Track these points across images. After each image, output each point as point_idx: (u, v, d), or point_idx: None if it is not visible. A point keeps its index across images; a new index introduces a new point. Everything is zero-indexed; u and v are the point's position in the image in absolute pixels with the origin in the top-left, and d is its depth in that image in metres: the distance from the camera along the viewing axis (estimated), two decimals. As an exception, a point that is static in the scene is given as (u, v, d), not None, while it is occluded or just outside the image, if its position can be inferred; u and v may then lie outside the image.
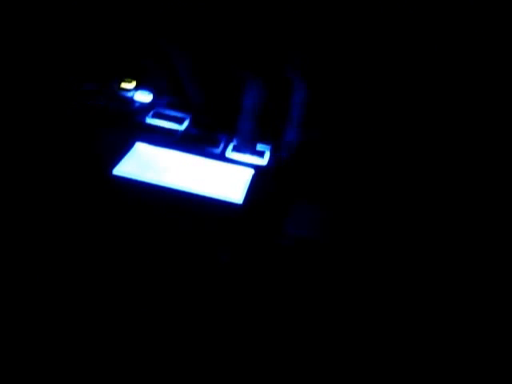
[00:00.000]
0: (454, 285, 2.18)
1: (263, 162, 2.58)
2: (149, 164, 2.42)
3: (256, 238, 2.23)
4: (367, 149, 2.74)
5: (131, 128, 2.68)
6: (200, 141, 2.62)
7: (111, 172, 2.34)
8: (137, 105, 2.88)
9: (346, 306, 2.04)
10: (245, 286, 2.05)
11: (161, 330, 1.85)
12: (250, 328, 1.91)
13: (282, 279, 2.10)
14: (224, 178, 2.39)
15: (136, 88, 2.98)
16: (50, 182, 2.30)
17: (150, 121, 2.72)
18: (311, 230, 2.32)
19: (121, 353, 1.77)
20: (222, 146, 2.63)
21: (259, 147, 2.67)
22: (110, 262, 2.03)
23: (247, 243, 2.20)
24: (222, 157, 2.57)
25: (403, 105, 2.74)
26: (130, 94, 2.95)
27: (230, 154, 2.59)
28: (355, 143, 2.76)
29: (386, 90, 2.72)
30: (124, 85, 2.99)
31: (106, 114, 2.78)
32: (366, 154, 2.73)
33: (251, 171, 2.47)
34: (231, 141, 2.66)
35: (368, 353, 1.90)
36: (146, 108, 2.86)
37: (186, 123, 2.74)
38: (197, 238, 2.16)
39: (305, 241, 2.25)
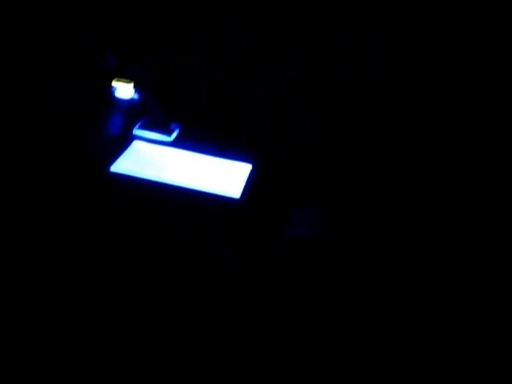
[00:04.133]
0: (454, 284, 2.17)
1: (170, 139, 2.59)
2: (146, 161, 2.41)
3: (255, 233, 2.22)
4: (367, 149, 2.74)
5: (129, 126, 2.66)
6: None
7: (109, 169, 2.33)
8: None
9: (346, 306, 2.03)
10: (244, 284, 2.03)
11: (160, 329, 1.83)
12: (250, 327, 1.89)
13: (282, 279, 2.08)
14: (221, 174, 2.39)
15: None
16: (48, 179, 2.29)
17: (138, 132, 2.67)
18: (311, 229, 2.30)
19: (120, 352, 1.75)
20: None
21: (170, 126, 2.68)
22: (109, 260, 2.01)
23: (246, 239, 2.19)
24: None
25: (403, 105, 2.74)
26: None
27: (136, 131, 2.61)
28: (355, 143, 2.76)
29: (385, 89, 2.73)
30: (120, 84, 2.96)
31: (104, 111, 2.76)
32: (366, 154, 2.72)
33: (249, 167, 2.47)
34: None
35: (368, 352, 1.88)
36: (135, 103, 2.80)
37: (175, 134, 2.69)
38: (195, 234, 2.15)
39: (305, 240, 2.24)
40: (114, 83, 2.95)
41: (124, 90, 2.91)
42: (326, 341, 1.90)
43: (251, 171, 2.45)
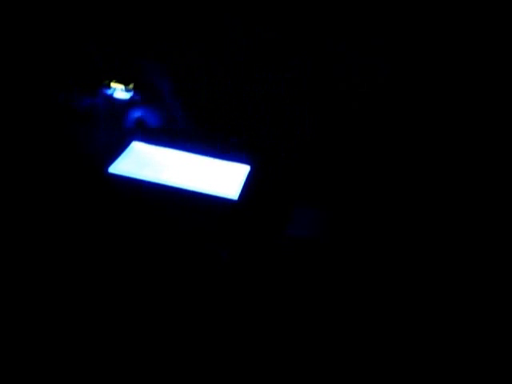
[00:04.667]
0: (454, 284, 2.16)
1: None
2: (145, 162, 2.41)
3: (254, 233, 2.21)
4: (367, 149, 2.73)
5: (128, 127, 2.66)
6: None
7: (107, 170, 2.33)
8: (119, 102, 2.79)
9: (346, 305, 2.02)
10: (244, 284, 2.02)
11: (160, 329, 1.83)
12: (250, 326, 1.89)
13: (282, 279, 2.07)
14: (219, 175, 2.39)
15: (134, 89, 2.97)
16: (47, 181, 2.28)
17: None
18: (311, 229, 2.30)
19: (120, 352, 1.75)
20: None
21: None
22: (108, 260, 2.01)
23: (246, 239, 2.18)
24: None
25: (403, 105, 2.74)
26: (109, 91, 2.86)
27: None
28: (355, 143, 2.75)
29: (385, 89, 2.72)
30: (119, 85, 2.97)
31: (103, 114, 2.76)
32: (366, 154, 2.72)
33: (247, 168, 2.47)
34: None
35: (368, 352, 1.87)
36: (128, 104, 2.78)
37: None
38: (193, 235, 2.14)
39: (305, 240, 2.23)
40: (113, 84, 2.96)
41: (123, 91, 2.92)
42: (325, 340, 1.89)
43: (249, 172, 2.44)
